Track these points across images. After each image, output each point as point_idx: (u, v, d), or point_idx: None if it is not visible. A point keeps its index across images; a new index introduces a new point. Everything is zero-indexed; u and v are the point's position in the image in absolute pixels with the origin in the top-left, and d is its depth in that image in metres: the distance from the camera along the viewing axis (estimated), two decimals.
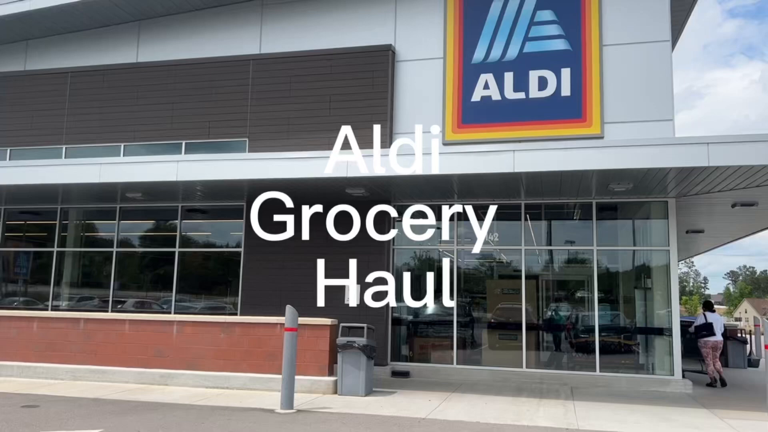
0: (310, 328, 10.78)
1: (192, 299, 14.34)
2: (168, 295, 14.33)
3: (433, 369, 12.87)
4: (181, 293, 14.34)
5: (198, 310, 14.11)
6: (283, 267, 13.51)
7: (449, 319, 13.16)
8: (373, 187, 11.98)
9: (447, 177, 10.89)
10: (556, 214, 13.26)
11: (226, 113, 14.32)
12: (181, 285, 14.36)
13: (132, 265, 14.95)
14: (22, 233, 15.89)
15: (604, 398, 10.67)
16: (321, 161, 10.95)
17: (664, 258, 12.32)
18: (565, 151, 10.08)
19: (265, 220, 13.76)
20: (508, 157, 10.19)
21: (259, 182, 11.65)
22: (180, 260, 14.40)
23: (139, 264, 14.96)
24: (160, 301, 14.46)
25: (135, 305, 14.62)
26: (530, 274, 13.01)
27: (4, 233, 15.70)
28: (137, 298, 14.70)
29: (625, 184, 11.05)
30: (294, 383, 9.01)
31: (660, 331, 12.28)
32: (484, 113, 13.19)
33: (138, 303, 14.64)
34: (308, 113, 13.82)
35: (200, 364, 11.13)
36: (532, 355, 12.75)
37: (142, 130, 14.81)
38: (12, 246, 15.74)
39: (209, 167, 11.44)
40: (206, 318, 11.46)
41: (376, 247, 13.15)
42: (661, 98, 12.39)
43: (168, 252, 14.54)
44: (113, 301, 14.63)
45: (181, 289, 14.36)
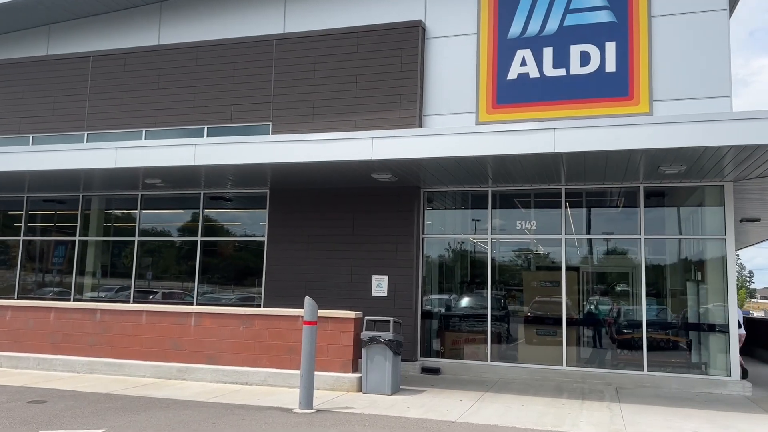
0: (333, 321, 10.10)
1: (215, 290, 13.82)
2: (190, 286, 13.84)
3: (466, 366, 12.08)
4: (204, 284, 13.83)
5: (220, 300, 13.58)
6: (307, 257, 12.87)
7: (483, 312, 12.34)
8: (401, 171, 11.21)
9: (480, 159, 10.05)
10: (600, 200, 12.29)
11: (249, 96, 13.71)
12: (204, 275, 13.85)
13: (154, 255, 14.51)
14: (45, 222, 15.61)
15: (653, 401, 9.74)
16: (344, 143, 10.23)
17: (720, 248, 11.26)
18: (611, 129, 9.14)
19: (289, 208, 13.16)
20: (548, 136, 9.30)
21: (281, 166, 10.99)
22: (202, 250, 13.88)
23: (161, 254, 14.50)
24: (182, 291, 13.98)
25: (156, 296, 14.18)
26: (570, 265, 12.08)
27: (27, 222, 15.43)
28: (159, 289, 14.25)
29: (677, 165, 10.04)
30: (313, 381, 8.34)
31: (714, 328, 11.23)
32: (520, 92, 12.27)
33: (159, 293, 14.19)
34: (333, 95, 13.11)
35: (218, 358, 10.57)
36: (573, 352, 11.84)
37: (164, 115, 14.31)
38: (33, 235, 15.47)
39: (228, 151, 10.83)
40: (225, 310, 10.89)
41: (405, 236, 12.40)
42: (717, 73, 11.30)
43: (190, 241, 14.05)
44: (135, 292, 14.22)
45: (204, 279, 13.85)
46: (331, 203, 12.89)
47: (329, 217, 12.87)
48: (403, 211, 12.52)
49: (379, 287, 12.44)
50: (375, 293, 12.42)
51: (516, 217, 12.58)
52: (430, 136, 9.96)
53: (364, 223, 12.67)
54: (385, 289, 12.37)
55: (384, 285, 12.40)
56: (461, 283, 13.18)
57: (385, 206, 12.58)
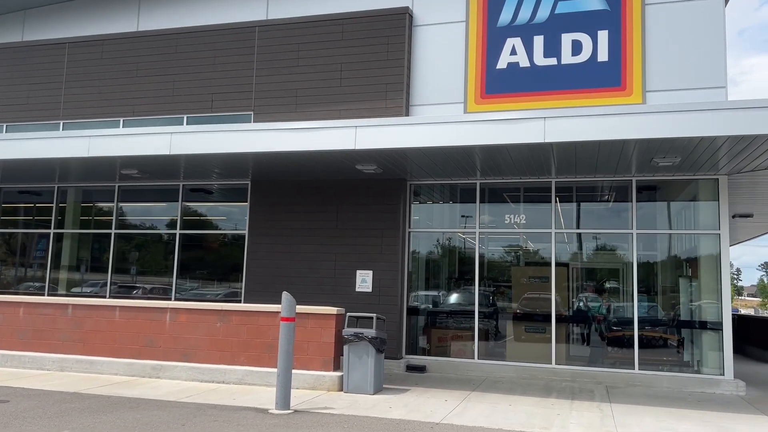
0: (314, 317, 9.70)
1: (194, 285, 13.38)
2: (168, 280, 13.39)
3: (452, 364, 11.71)
4: (183, 278, 13.38)
5: (200, 296, 13.13)
6: (289, 251, 12.45)
7: (470, 309, 11.98)
8: (386, 162, 10.81)
9: (468, 149, 9.67)
10: (591, 194, 11.95)
11: (231, 85, 13.26)
12: (183, 270, 13.40)
13: (132, 249, 14.04)
14: (21, 215, 15.09)
15: (645, 400, 9.41)
16: (326, 132, 9.82)
17: (713, 243, 10.95)
18: (603, 118, 8.78)
19: (271, 201, 12.74)
20: (538, 126, 8.93)
21: (261, 156, 10.57)
22: (181, 244, 13.43)
23: (139, 248, 14.03)
24: (167, 286, 13.52)
25: (138, 291, 13.70)
26: (560, 260, 11.74)
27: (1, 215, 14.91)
28: (136, 283, 13.79)
29: (671, 157, 9.70)
30: (290, 381, 7.94)
31: (708, 325, 10.93)
32: (510, 82, 11.90)
33: (136, 288, 13.72)
34: (317, 84, 12.68)
35: (194, 355, 10.14)
36: (562, 350, 11.51)
37: (142, 104, 13.83)
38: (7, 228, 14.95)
39: (206, 140, 10.39)
40: (201, 305, 10.46)
41: (390, 229, 12.01)
42: (712, 63, 10.97)
43: (169, 234, 13.59)
44: (114, 287, 13.74)
45: (183, 274, 13.40)
46: (315, 196, 12.48)
47: (312, 210, 12.45)
48: (389, 204, 12.13)
49: (364, 282, 12.04)
50: (359, 289, 12.03)
51: (505, 211, 12.22)
52: (416, 125, 9.56)
53: (348, 217, 12.27)
54: (370, 285, 11.98)
55: (368, 280, 12.01)
56: (448, 279, 12.81)
57: (371, 199, 12.19)
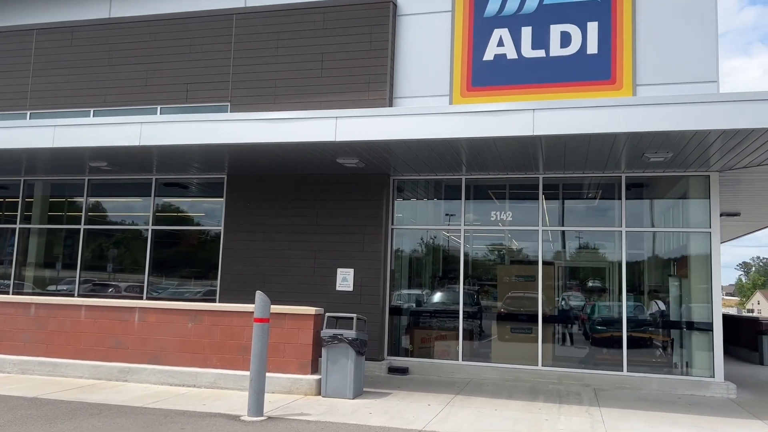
0: (291, 318, 9.22)
1: (167, 283, 12.83)
2: (140, 279, 12.82)
3: (436, 365, 11.30)
4: (156, 276, 12.83)
5: (173, 295, 12.58)
6: (267, 248, 11.96)
7: (455, 308, 11.57)
8: (368, 156, 10.37)
9: (454, 142, 9.25)
10: (579, 191, 11.60)
11: (207, 75, 12.72)
12: (155, 267, 12.85)
13: (101, 245, 13.45)
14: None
15: (634, 404, 9.07)
16: (305, 123, 9.34)
17: (704, 241, 10.64)
18: (595, 111, 8.41)
19: (249, 196, 12.24)
20: (527, 118, 8.54)
21: (235, 148, 10.06)
22: (154, 240, 12.87)
23: (109, 243, 13.44)
24: (133, 284, 12.95)
25: (101, 289, 13.12)
26: (547, 259, 11.38)
27: None
28: (105, 281, 13.20)
29: (663, 152, 9.36)
30: (264, 385, 7.47)
31: (698, 326, 10.63)
32: (497, 74, 11.51)
33: (105, 286, 13.14)
34: (297, 74, 12.19)
35: (164, 357, 9.62)
36: (549, 351, 11.15)
37: (114, 94, 13.23)
38: None
39: (177, 130, 9.86)
40: (172, 305, 9.93)
41: (373, 226, 11.57)
42: (704, 57, 10.66)
43: (141, 230, 13.02)
44: (82, 284, 13.14)
45: (156, 272, 12.85)
46: (294, 190, 11.99)
47: (291, 206, 11.97)
48: (372, 199, 11.69)
49: (344, 281, 11.59)
50: (340, 287, 11.58)
51: (491, 208, 11.83)
52: (399, 116, 9.12)
53: (329, 213, 11.81)
54: (351, 284, 11.53)
55: (349, 279, 11.56)
56: (432, 278, 12.40)
57: (352, 194, 11.74)
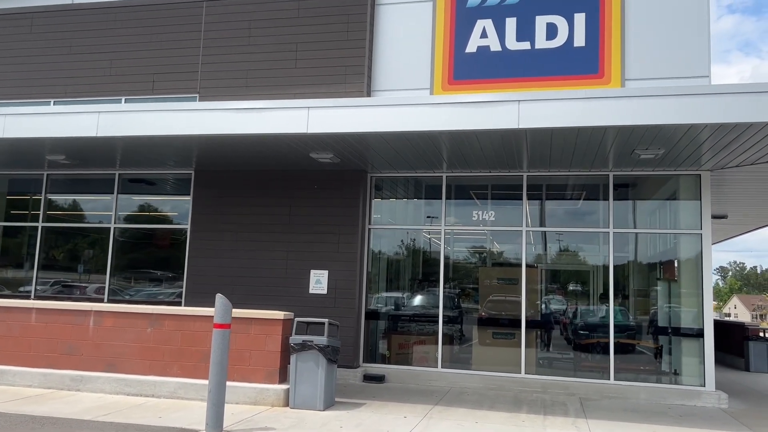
0: (258, 323, 8.57)
1: (130, 285, 12.09)
2: (101, 280, 12.07)
3: (413, 373, 10.70)
4: (118, 278, 12.08)
5: (135, 297, 11.86)
6: (236, 248, 11.29)
7: (434, 313, 10.99)
8: (344, 151, 9.75)
9: (435, 135, 8.67)
10: (565, 190, 11.09)
11: (175, 65, 12.03)
12: (118, 268, 12.10)
13: (61, 244, 12.67)
14: None
15: (623, 415, 8.55)
16: (275, 114, 8.70)
17: (695, 243, 10.18)
18: (584, 102, 7.88)
19: (217, 193, 11.56)
20: (512, 110, 7.99)
21: (199, 140, 9.39)
22: (116, 239, 12.13)
23: (68, 242, 12.67)
24: (92, 285, 12.19)
25: (60, 290, 12.33)
26: (531, 261, 10.85)
27: None
28: (65, 282, 12.42)
29: (654, 149, 8.87)
30: (224, 397, 6.81)
31: (688, 332, 10.16)
32: (480, 67, 10.97)
33: (66, 287, 12.36)
34: (270, 65, 11.55)
35: (121, 364, 8.91)
36: (533, 358, 10.61)
37: (76, 84, 12.48)
38: None
39: (137, 120, 9.16)
40: (130, 308, 9.22)
41: (349, 225, 10.96)
42: (695, 50, 10.22)
43: (102, 228, 12.27)
44: (36, 285, 12.36)
45: (118, 272, 12.10)
46: (266, 187, 11.34)
47: (262, 204, 11.32)
48: (348, 197, 11.07)
49: (318, 284, 10.96)
50: (313, 290, 10.94)
51: (472, 207, 11.28)
52: (375, 107, 8.53)
53: (302, 211, 11.17)
54: (325, 286, 10.90)
55: (323, 281, 10.93)
56: (411, 280, 11.81)
57: (328, 192, 11.12)
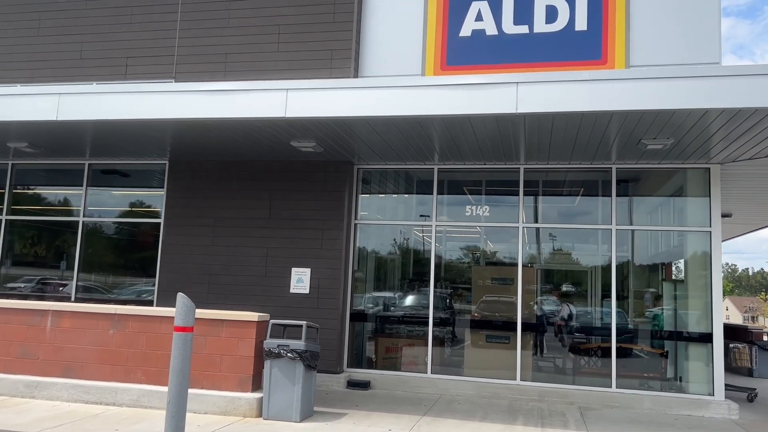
0: (230, 325, 7.83)
1: (99, 282, 11.32)
2: (68, 276, 11.29)
3: (401, 379, 9.98)
4: (86, 273, 11.30)
5: (105, 296, 11.09)
6: (212, 245, 10.54)
7: (424, 314, 10.28)
8: (327, 139, 9.02)
9: (425, 121, 7.93)
10: (564, 184, 10.39)
11: (149, 48, 11.25)
12: (86, 264, 11.32)
13: (25, 238, 11.88)
14: None
15: (626, 426, 7.86)
16: (250, 96, 7.95)
17: (703, 242, 9.51)
18: (588, 85, 7.17)
19: (193, 185, 10.81)
20: (509, 93, 7.27)
21: (166, 125, 8.62)
22: (85, 233, 11.35)
23: (34, 236, 11.88)
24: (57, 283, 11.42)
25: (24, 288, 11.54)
26: (528, 259, 10.16)
27: None
28: (27, 281, 11.63)
29: (662, 138, 8.18)
30: (185, 409, 6.05)
31: (696, 337, 9.48)
32: (475, 52, 10.25)
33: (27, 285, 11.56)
34: (251, 48, 10.79)
35: (81, 369, 8.15)
36: (528, 363, 9.91)
37: (44, 68, 11.68)
38: None
39: (101, 104, 8.40)
40: (91, 308, 8.46)
41: (333, 220, 10.23)
42: (705, 35, 9.54)
43: (70, 222, 11.49)
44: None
45: (86, 269, 11.32)
46: (244, 179, 10.60)
47: (241, 197, 10.57)
48: (332, 191, 10.34)
49: (300, 282, 10.22)
50: (294, 290, 10.20)
51: (466, 202, 10.57)
52: (360, 89, 7.79)
53: (283, 205, 10.44)
54: (307, 285, 10.16)
55: (305, 280, 10.19)
56: (400, 280, 11.10)
57: (311, 185, 10.39)
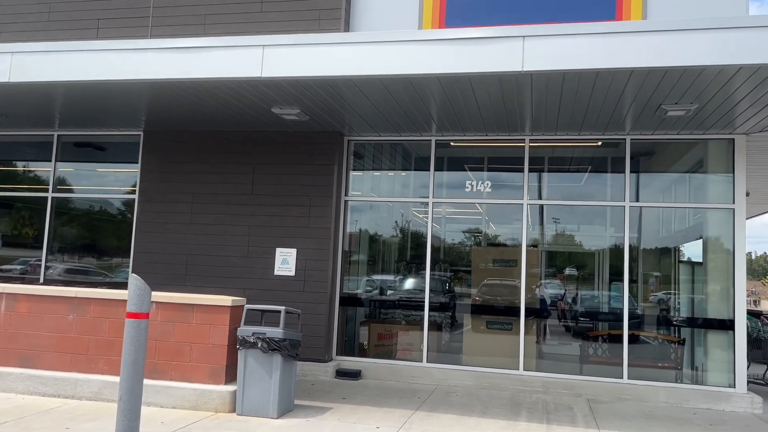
0: (202, 310, 7.03)
1: (70, 263, 10.53)
2: (36, 256, 10.50)
3: (394, 368, 9.21)
4: (55, 253, 10.51)
5: (75, 278, 10.31)
6: (190, 222, 9.72)
7: (419, 298, 9.48)
8: (313, 105, 8.14)
9: (419, 83, 7.04)
10: (574, 157, 9.54)
11: (123, 8, 10.28)
12: (56, 243, 10.53)
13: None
14: None
15: (643, 423, 7.08)
16: (221, 53, 7.06)
17: (726, 220, 8.67)
18: (603, 39, 6.27)
19: (169, 158, 9.98)
20: (514, 48, 6.37)
21: (128, 86, 7.72)
22: (54, 210, 10.54)
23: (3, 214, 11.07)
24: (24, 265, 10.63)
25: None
26: (532, 240, 9.34)
27: None
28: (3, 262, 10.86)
29: (686, 103, 7.29)
30: (139, 407, 5.26)
31: (716, 324, 8.67)
32: (476, 10, 9.33)
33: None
34: (233, 8, 9.84)
35: (38, 358, 7.38)
36: (533, 352, 9.13)
37: (8, 31, 10.74)
38: None
39: (58, 63, 7.53)
40: (49, 290, 7.66)
41: (321, 197, 9.40)
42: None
43: (38, 198, 10.67)
44: None
45: (56, 248, 10.53)
46: (224, 152, 9.76)
47: (221, 171, 9.73)
48: (321, 164, 9.50)
49: (285, 264, 9.41)
50: (279, 272, 9.40)
51: (465, 177, 9.73)
52: (346, 44, 6.89)
53: (267, 180, 9.60)
54: (293, 267, 9.36)
55: (291, 261, 9.39)
56: (396, 261, 10.29)
57: (297, 157, 9.55)
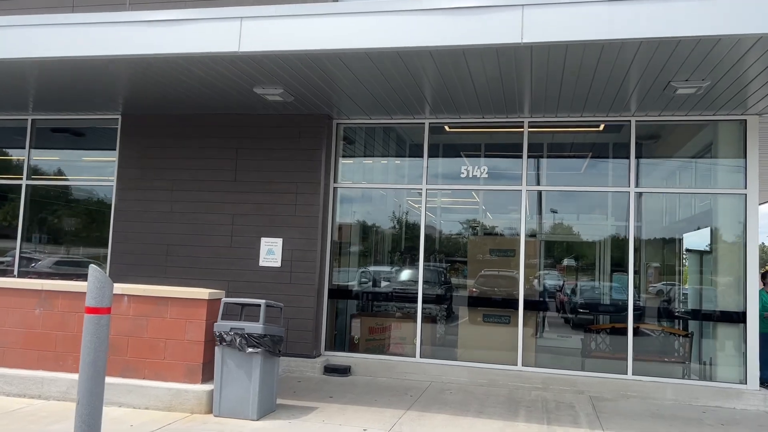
0: (177, 304, 6.53)
1: (45, 253, 10.03)
2: (10, 246, 10.00)
3: (386, 364, 8.74)
4: (30, 243, 10.01)
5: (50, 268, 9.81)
6: (170, 211, 9.21)
7: (412, 291, 9.00)
8: (297, 85, 7.62)
9: (410, 57, 6.53)
10: (575, 140, 9.03)
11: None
12: (31, 232, 10.02)
13: None
14: None
15: (650, 422, 6.62)
16: (195, 26, 6.53)
17: (737, 206, 8.18)
18: (612, 6, 5.75)
19: (148, 142, 9.46)
20: (513, 18, 5.85)
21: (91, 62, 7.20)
22: (29, 197, 10.03)
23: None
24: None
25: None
26: (532, 229, 8.85)
27: None
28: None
29: (696, 80, 6.78)
30: (100, 411, 4.76)
31: (726, 317, 8.21)
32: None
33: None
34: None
35: (2, 356, 6.89)
36: (532, 346, 8.67)
37: None
38: None
39: (15, 38, 7.01)
40: (14, 283, 7.16)
41: (309, 183, 8.89)
42: None
43: (11, 186, 10.14)
44: None
45: (31, 237, 10.02)
46: (206, 136, 9.24)
47: (203, 156, 9.22)
48: (308, 149, 8.99)
49: (270, 254, 8.92)
50: (264, 263, 8.91)
51: (461, 163, 9.23)
52: (331, 15, 6.36)
53: (251, 166, 9.09)
54: (279, 258, 8.87)
55: (277, 251, 8.89)
56: (388, 252, 9.80)
57: (283, 142, 9.04)
